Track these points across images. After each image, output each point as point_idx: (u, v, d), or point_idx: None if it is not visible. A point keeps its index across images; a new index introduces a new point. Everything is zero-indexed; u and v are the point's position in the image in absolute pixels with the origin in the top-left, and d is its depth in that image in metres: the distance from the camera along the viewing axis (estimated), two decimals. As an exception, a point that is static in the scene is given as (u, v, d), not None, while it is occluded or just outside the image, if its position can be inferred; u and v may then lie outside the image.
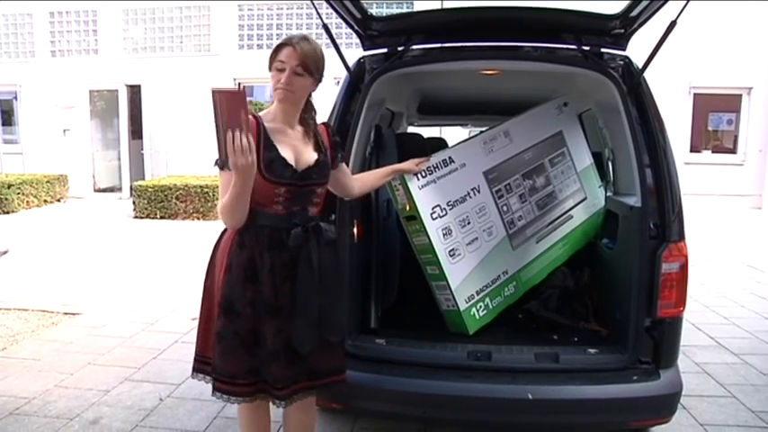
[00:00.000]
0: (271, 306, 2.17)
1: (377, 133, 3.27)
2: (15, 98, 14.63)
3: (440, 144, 4.28)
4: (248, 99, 13.50)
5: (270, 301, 2.17)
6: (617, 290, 2.93)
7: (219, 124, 1.89)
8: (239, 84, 12.92)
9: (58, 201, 12.80)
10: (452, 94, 4.24)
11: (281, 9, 12.91)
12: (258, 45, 13.13)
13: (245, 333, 2.18)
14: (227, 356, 2.20)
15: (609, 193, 3.43)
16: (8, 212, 11.23)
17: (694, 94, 12.44)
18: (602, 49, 2.81)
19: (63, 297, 5.56)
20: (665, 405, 2.62)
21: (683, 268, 2.61)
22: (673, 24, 2.46)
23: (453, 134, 7.37)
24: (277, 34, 12.96)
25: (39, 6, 13.88)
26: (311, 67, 2.18)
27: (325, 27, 2.56)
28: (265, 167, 2.14)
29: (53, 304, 5.32)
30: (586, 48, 2.78)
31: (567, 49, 2.82)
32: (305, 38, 2.21)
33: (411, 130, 5.27)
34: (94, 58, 13.72)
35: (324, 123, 2.44)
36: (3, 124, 15.09)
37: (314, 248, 2.20)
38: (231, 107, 1.87)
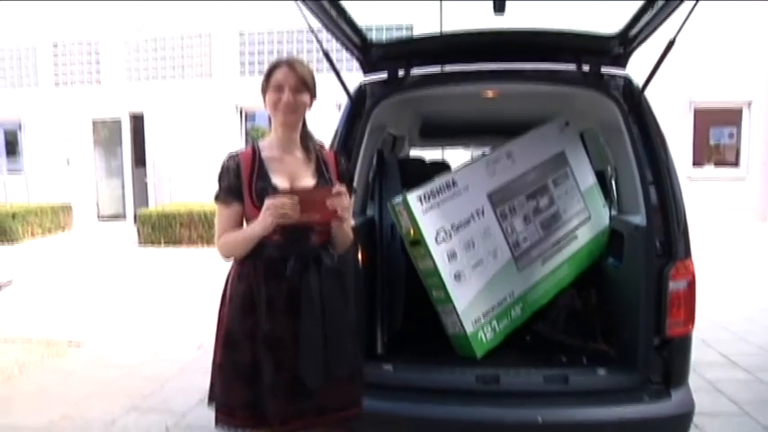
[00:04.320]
0: (269, 339, 2.13)
1: (379, 158, 3.27)
2: (19, 128, 14.76)
3: (442, 168, 4.28)
4: (250, 124, 13.70)
5: (268, 334, 2.13)
6: (624, 309, 2.90)
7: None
8: (241, 110, 13.05)
9: (63, 230, 12.82)
10: (454, 117, 4.25)
11: (282, 35, 13.05)
12: (260, 71, 13.19)
13: (244, 365, 2.14)
14: (227, 388, 2.17)
15: (613, 212, 3.42)
16: (12, 242, 11.26)
17: (695, 109, 12.50)
18: (602, 69, 2.82)
19: (67, 327, 5.54)
20: (677, 425, 2.58)
21: (691, 285, 2.59)
22: (671, 43, 2.48)
23: (456, 156, 7.40)
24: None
25: (42, 36, 14.04)
26: (309, 84, 2.19)
27: (326, 54, 2.58)
28: (256, 196, 2.13)
29: (58, 334, 5.30)
30: (586, 68, 2.79)
31: (567, 70, 2.83)
32: (294, 59, 2.23)
33: (413, 153, 5.29)
34: (97, 88, 13.85)
35: (334, 151, 2.42)
36: (7, 154, 15.19)
37: (314, 279, 2.15)
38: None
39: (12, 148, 15.29)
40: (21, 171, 14.81)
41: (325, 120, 2.79)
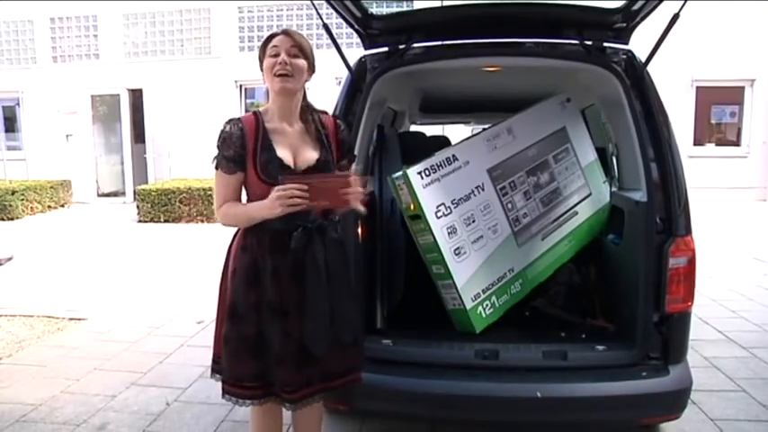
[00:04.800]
0: (276, 309, 2.15)
1: (379, 133, 3.25)
2: (18, 104, 14.66)
3: (443, 142, 4.26)
4: (250, 101, 13.64)
5: (274, 304, 2.14)
6: (624, 285, 2.91)
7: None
8: (241, 86, 12.96)
9: (62, 206, 12.80)
10: (454, 92, 4.22)
11: (282, 10, 12.92)
12: (259, 47, 13.09)
13: (250, 337, 2.17)
14: (234, 360, 2.19)
15: (613, 189, 3.41)
16: (12, 219, 11.25)
17: (696, 87, 12.40)
18: (605, 44, 2.79)
19: (68, 303, 5.55)
20: (675, 401, 2.60)
21: (691, 262, 2.59)
22: (675, 18, 2.45)
23: (456, 132, 7.36)
24: (277, 35, 12.96)
25: (40, 12, 13.90)
26: (306, 50, 2.17)
27: (326, 27, 2.55)
28: (261, 169, 2.12)
29: (58, 310, 5.31)
30: (588, 42, 2.76)
31: (569, 44, 2.80)
32: (291, 29, 2.23)
33: (413, 128, 5.26)
34: (96, 63, 13.75)
35: (334, 116, 2.41)
36: (6, 131, 15.11)
37: (319, 249, 2.17)
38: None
39: (10, 124, 15.20)
40: (20, 148, 14.76)
41: (325, 95, 2.76)
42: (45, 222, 11.14)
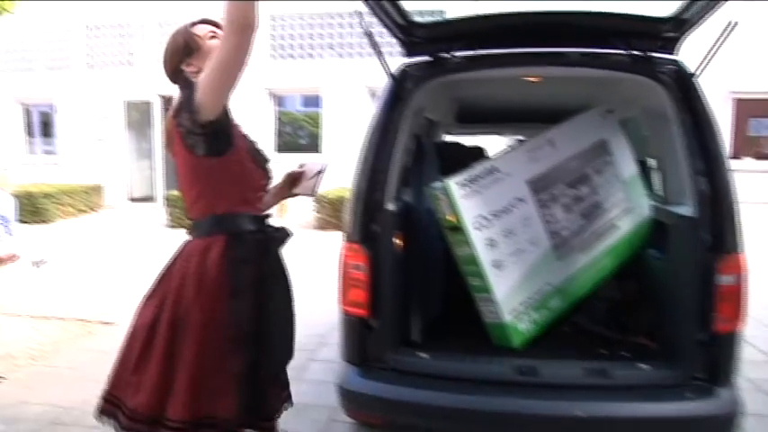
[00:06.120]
0: (269, 322, 1.99)
1: (417, 143, 3.21)
2: (53, 110, 14.96)
3: (479, 153, 4.21)
4: (281, 109, 13.71)
5: (271, 315, 1.99)
6: (668, 303, 2.82)
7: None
8: (272, 94, 13.06)
9: (94, 210, 12.99)
10: (492, 102, 4.16)
11: (313, 19, 12.97)
12: (290, 55, 13.20)
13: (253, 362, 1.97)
14: (260, 396, 1.99)
15: (655, 203, 3.32)
16: (46, 222, 11.43)
17: (734, 100, 12.16)
18: (653, 53, 2.71)
19: (99, 306, 5.60)
20: (723, 425, 2.49)
21: (742, 281, 2.49)
22: (731, 26, 2.37)
23: (489, 143, 7.28)
24: (309, 44, 13.03)
25: (76, 19, 14.17)
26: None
27: (369, 34, 2.50)
28: (254, 153, 2.04)
29: (90, 313, 5.36)
30: (636, 52, 2.69)
31: (616, 53, 2.73)
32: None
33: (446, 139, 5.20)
34: (129, 70, 13.95)
35: None
36: (42, 135, 15.43)
37: (279, 253, 2.09)
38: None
39: (46, 129, 15.52)
40: (54, 152, 15.04)
41: (357, 104, 2.73)
42: (77, 226, 11.29)
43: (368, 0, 2.40)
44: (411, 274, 2.99)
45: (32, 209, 11.27)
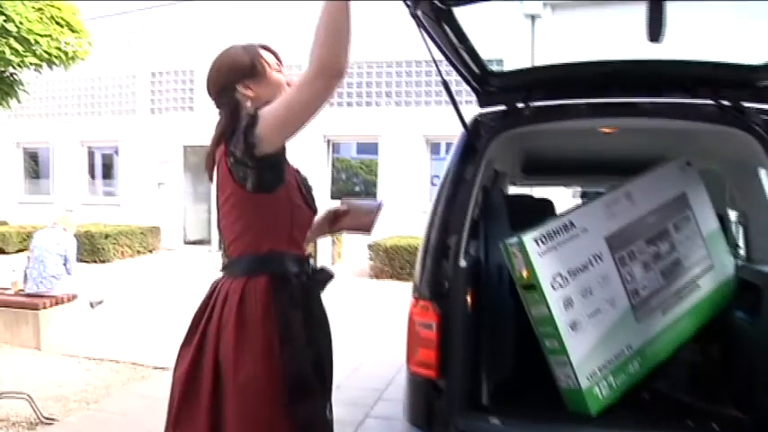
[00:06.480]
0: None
1: (485, 195, 3.10)
2: (116, 153, 15.48)
3: (548, 206, 4.06)
4: (336, 155, 13.89)
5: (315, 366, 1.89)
6: (762, 371, 2.59)
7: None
8: (329, 141, 13.24)
9: (151, 252, 13.22)
10: (562, 153, 4.03)
11: (371, 67, 13.12)
12: (348, 103, 13.34)
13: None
14: None
15: (739, 260, 3.11)
16: (104, 262, 11.67)
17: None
18: (743, 103, 2.56)
19: (153, 350, 5.58)
20: None
21: None
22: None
23: (553, 195, 7.12)
24: (367, 92, 13.17)
25: (143, 66, 14.75)
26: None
27: (445, 83, 2.44)
28: (304, 189, 1.96)
29: (143, 357, 5.35)
30: (724, 102, 2.54)
31: (703, 104, 2.59)
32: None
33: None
34: (190, 115, 14.35)
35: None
36: (104, 177, 15.95)
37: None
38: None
39: (108, 171, 16.06)
40: (115, 194, 15.50)
41: (412, 153, 2.64)
42: (134, 267, 11.49)
43: (445, 48, 2.34)
44: (481, 334, 2.84)
45: (91, 248, 11.55)
